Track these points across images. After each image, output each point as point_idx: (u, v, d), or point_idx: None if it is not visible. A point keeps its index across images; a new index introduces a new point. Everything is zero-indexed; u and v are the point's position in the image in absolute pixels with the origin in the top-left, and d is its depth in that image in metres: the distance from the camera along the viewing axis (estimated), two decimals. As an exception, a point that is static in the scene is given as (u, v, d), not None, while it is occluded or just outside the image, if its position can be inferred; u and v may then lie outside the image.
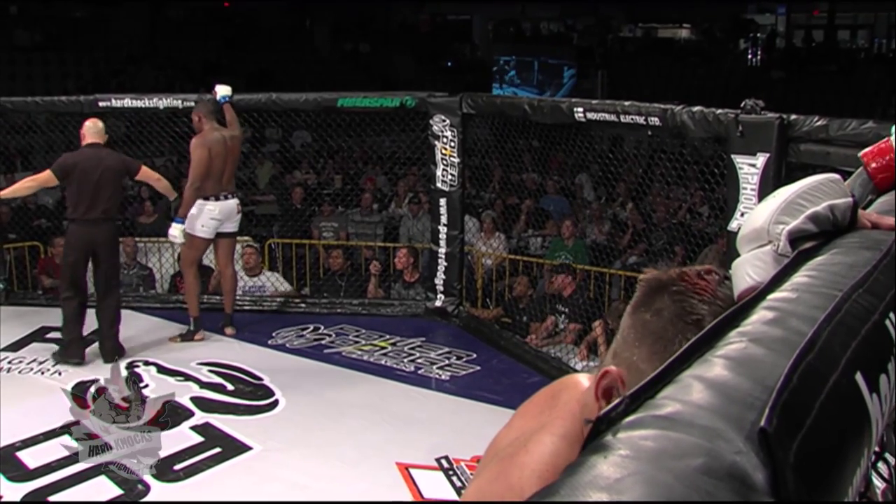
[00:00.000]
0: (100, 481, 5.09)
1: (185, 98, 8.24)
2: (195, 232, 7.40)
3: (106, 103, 8.35)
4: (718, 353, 0.84)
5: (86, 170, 6.67)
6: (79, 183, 6.69)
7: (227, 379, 6.51)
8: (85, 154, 6.81)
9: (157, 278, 9.61)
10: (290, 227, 10.49)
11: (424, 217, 9.54)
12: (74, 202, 6.76)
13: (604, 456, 0.73)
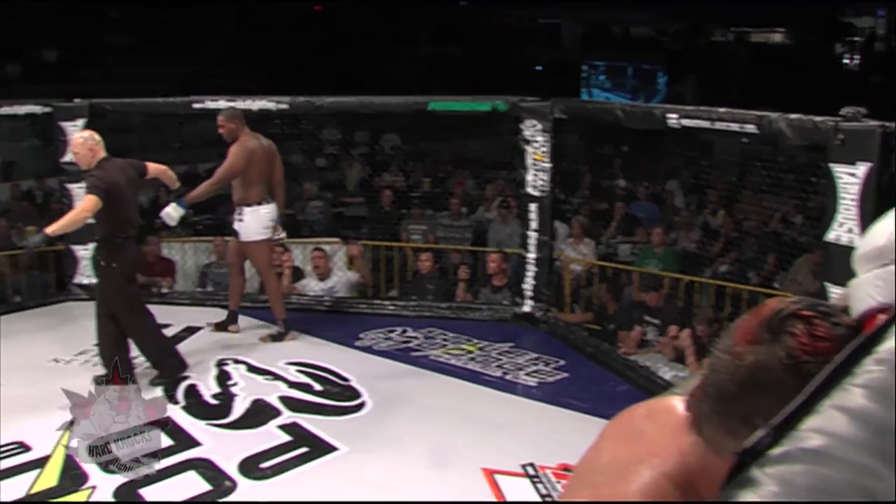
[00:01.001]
0: (189, 476, 5.18)
1: (278, 100, 8.31)
2: (254, 237, 7.47)
3: (200, 105, 8.46)
4: (857, 381, 0.81)
5: (122, 186, 6.37)
6: (122, 201, 6.35)
7: (315, 379, 6.56)
8: (114, 170, 6.40)
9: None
10: (378, 229, 10.52)
11: (513, 222, 9.51)
12: (120, 221, 6.35)
13: (753, 492, 0.71)
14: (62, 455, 5.44)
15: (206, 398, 6.30)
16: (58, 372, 6.79)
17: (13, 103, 8.96)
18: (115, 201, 6.22)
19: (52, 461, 5.37)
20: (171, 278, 9.64)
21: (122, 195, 6.31)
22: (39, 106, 8.81)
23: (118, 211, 6.28)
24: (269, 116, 8.70)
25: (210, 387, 6.48)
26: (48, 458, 5.41)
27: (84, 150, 6.34)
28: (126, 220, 6.39)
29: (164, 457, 5.35)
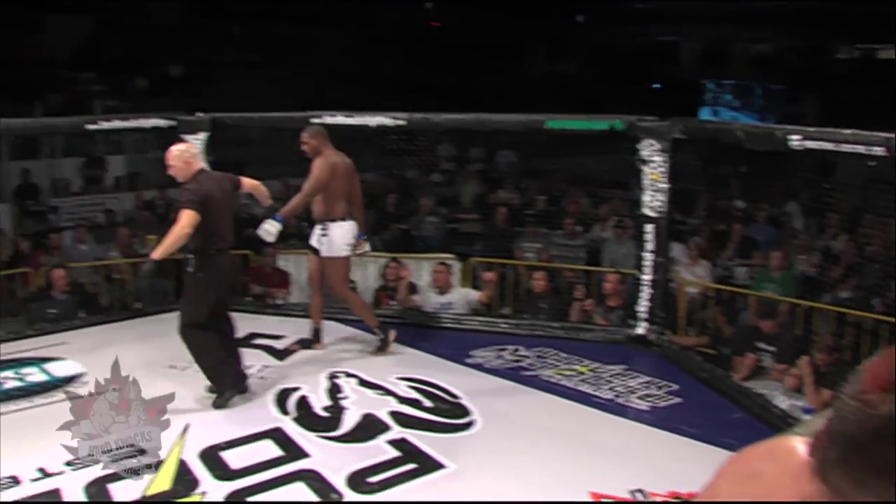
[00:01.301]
0: (297, 487, 5.22)
1: (395, 116, 8.37)
2: (339, 253, 7.49)
3: (318, 120, 8.57)
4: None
5: (216, 198, 6.38)
6: (215, 213, 6.35)
7: (425, 395, 6.56)
8: (209, 182, 6.44)
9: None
10: (492, 246, 10.50)
11: (628, 242, 9.40)
12: (212, 233, 6.35)
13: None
14: (176, 460, 5.56)
15: (316, 410, 6.36)
16: (174, 377, 6.94)
17: (139, 117, 9.22)
18: (209, 213, 6.25)
19: (165, 465, 5.48)
20: (286, 290, 9.79)
21: (215, 207, 6.33)
22: (164, 119, 9.05)
23: (211, 223, 6.29)
24: (386, 132, 8.77)
25: (321, 399, 6.54)
26: (162, 462, 5.51)
27: (180, 163, 6.40)
28: (218, 233, 6.41)
29: (273, 467, 5.45)
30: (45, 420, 6.29)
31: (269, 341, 7.95)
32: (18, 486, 5.29)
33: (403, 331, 8.15)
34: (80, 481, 5.31)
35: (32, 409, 6.59)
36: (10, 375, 7.26)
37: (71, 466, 5.46)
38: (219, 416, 6.25)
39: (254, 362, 7.34)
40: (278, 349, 7.76)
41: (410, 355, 7.61)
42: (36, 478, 5.37)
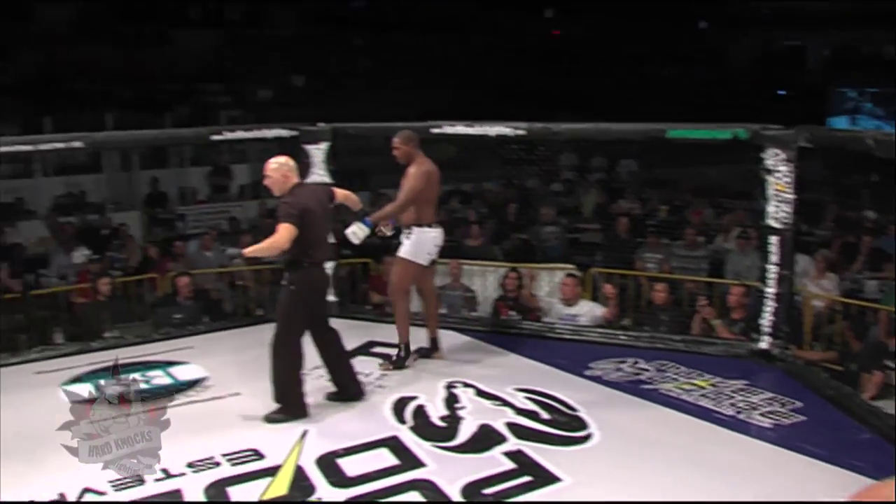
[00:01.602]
0: (412, 496, 5.21)
1: (515, 126, 8.33)
2: (418, 259, 7.46)
3: (438, 130, 8.58)
4: None
5: (313, 210, 6.39)
6: (313, 226, 6.36)
7: (543, 407, 6.48)
8: (306, 195, 6.46)
9: (480, 301, 9.80)
10: (613, 256, 10.37)
11: (752, 253, 9.18)
12: (308, 245, 6.34)
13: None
14: (293, 465, 5.61)
15: (433, 419, 6.34)
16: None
17: (262, 127, 9.37)
18: (306, 226, 6.26)
19: (283, 470, 5.54)
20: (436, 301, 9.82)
21: (312, 220, 6.34)
22: (286, 130, 9.18)
23: (308, 236, 6.30)
24: (507, 141, 8.73)
25: (438, 408, 6.53)
26: (279, 467, 5.58)
27: (277, 176, 6.46)
28: (314, 245, 6.41)
29: (389, 476, 5.45)
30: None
31: (388, 350, 7.97)
32: (142, 485, 5.41)
33: (522, 342, 8.13)
34: (201, 483, 5.41)
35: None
36: (137, 377, 7.43)
37: (192, 468, 5.59)
38: (336, 423, 6.29)
39: (372, 370, 7.40)
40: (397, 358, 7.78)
41: (529, 366, 7.53)
42: (159, 478, 5.49)
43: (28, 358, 8.18)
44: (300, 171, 8.88)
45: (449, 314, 9.20)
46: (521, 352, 7.84)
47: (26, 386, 7.46)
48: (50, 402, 7.01)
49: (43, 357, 8.19)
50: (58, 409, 6.81)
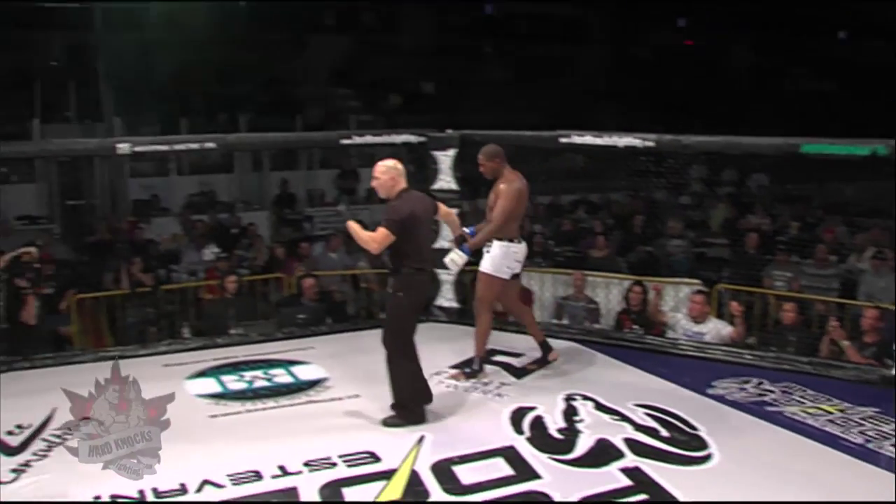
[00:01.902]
0: (527, 508, 5.16)
1: (644, 137, 8.20)
2: (499, 274, 7.35)
3: (567, 139, 8.52)
4: None
5: (419, 217, 6.38)
6: (413, 232, 6.33)
7: (663, 424, 6.35)
8: (412, 202, 6.41)
9: (603, 313, 9.69)
10: (740, 272, 10.11)
11: (888, 274, 8.84)
12: (412, 252, 6.36)
13: None
14: (408, 470, 5.63)
15: (551, 431, 6.28)
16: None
17: (391, 132, 9.46)
18: (410, 233, 6.27)
19: (398, 474, 5.57)
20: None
21: (417, 227, 6.35)
22: (415, 136, 9.24)
23: (411, 242, 6.31)
24: (635, 153, 8.61)
25: (556, 420, 6.46)
26: (395, 471, 5.61)
27: (385, 178, 6.44)
28: (419, 252, 6.41)
29: (504, 486, 5.43)
30: (288, 420, 6.58)
31: (507, 358, 7.94)
32: (260, 481, 5.52)
33: (644, 356, 8.01)
34: (317, 482, 5.47)
35: (277, 408, 6.86)
36: (260, 375, 7.61)
37: (309, 467, 5.66)
38: (454, 430, 6.28)
39: (491, 379, 7.39)
40: (516, 367, 7.74)
41: (650, 382, 7.40)
42: (276, 475, 5.58)
43: (157, 350, 8.44)
44: (427, 176, 8.98)
45: (571, 325, 9.13)
46: (642, 367, 7.72)
47: (154, 378, 7.61)
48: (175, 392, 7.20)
49: (170, 350, 8.43)
50: (183, 399, 7.04)
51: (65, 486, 5.47)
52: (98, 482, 5.46)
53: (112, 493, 5.35)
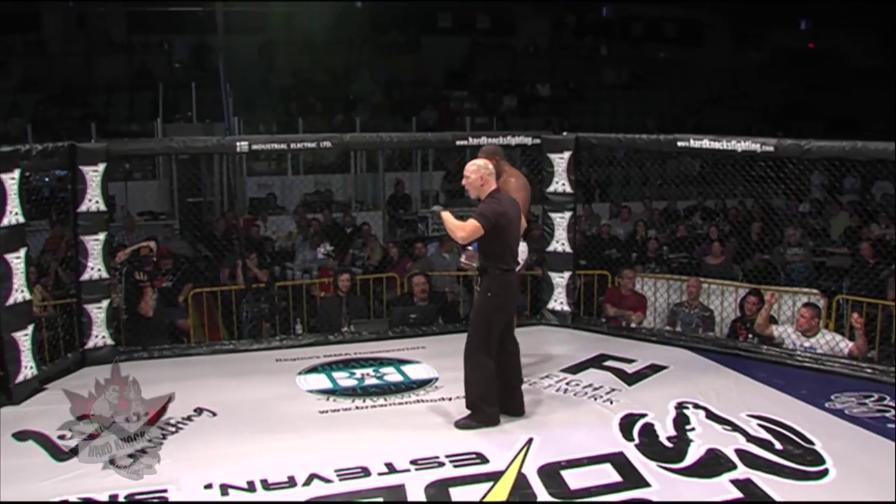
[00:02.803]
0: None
1: (763, 142, 8.02)
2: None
3: (684, 143, 8.39)
4: None
5: (510, 218, 6.38)
6: (503, 232, 6.33)
7: (777, 437, 6.19)
8: (504, 203, 6.41)
9: (717, 321, 9.50)
10: (862, 283, 9.79)
11: None
12: (501, 253, 6.37)
13: None
14: (516, 472, 5.61)
15: (661, 439, 6.19)
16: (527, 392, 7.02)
17: (507, 134, 9.46)
18: (500, 233, 6.28)
19: (505, 476, 5.55)
20: (642, 313, 9.67)
21: (508, 228, 6.34)
22: (530, 137, 9.22)
23: (501, 243, 6.32)
24: (754, 158, 8.43)
25: (667, 428, 6.37)
26: (502, 473, 5.59)
27: (475, 178, 6.44)
28: (509, 252, 6.40)
29: (611, 492, 5.38)
30: (396, 418, 6.62)
31: (619, 364, 7.87)
32: (367, 477, 5.56)
33: (759, 367, 7.84)
34: (423, 481, 5.49)
35: (386, 406, 6.92)
36: (370, 373, 7.69)
37: (416, 465, 5.69)
38: (562, 434, 6.23)
39: (602, 384, 7.32)
40: (628, 373, 7.66)
41: (764, 392, 7.22)
42: (383, 472, 5.62)
43: (270, 346, 8.60)
44: (543, 179, 8.95)
45: (684, 332, 8.98)
46: (757, 377, 7.55)
47: (266, 372, 7.83)
48: (287, 387, 7.36)
49: (283, 346, 8.59)
50: (294, 394, 7.18)
51: (177, 473, 5.59)
52: (209, 471, 5.62)
53: (222, 483, 5.46)
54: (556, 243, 9.11)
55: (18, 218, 6.94)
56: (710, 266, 11.18)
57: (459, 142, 9.23)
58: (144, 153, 11.94)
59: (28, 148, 7.23)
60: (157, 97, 17.92)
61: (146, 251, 9.07)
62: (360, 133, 14.57)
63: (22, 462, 5.79)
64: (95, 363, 7.90)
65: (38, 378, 7.20)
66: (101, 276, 8.01)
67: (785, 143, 7.98)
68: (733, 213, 14.74)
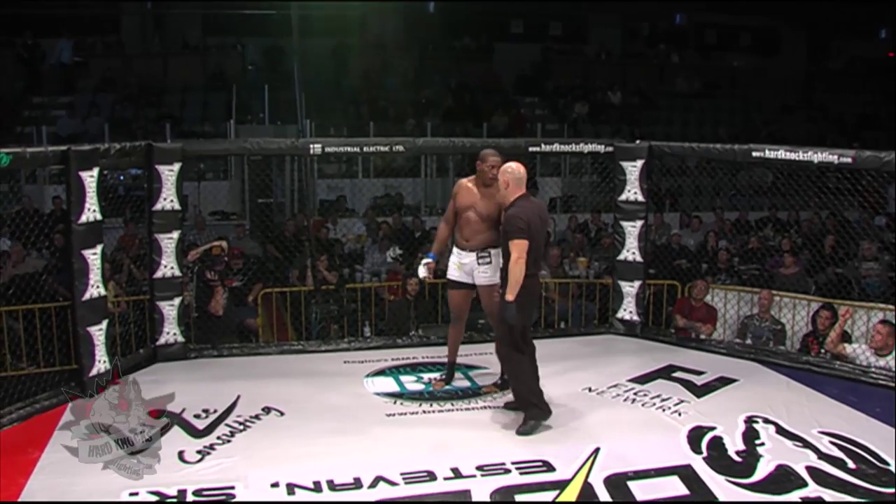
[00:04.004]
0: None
1: (841, 153, 7.88)
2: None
3: (759, 153, 8.28)
4: None
5: (536, 224, 6.40)
6: (535, 239, 6.36)
7: (850, 455, 6.07)
8: (533, 210, 6.45)
9: (789, 335, 9.36)
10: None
11: None
12: (530, 257, 6.37)
13: None
14: (582, 481, 5.59)
15: (730, 453, 6.11)
16: (589, 401, 7.00)
17: (579, 141, 9.42)
18: (531, 239, 6.31)
19: (571, 485, 5.54)
20: (712, 325, 9.56)
21: (535, 234, 6.35)
22: (602, 145, 9.17)
23: (530, 249, 6.31)
24: (830, 169, 8.29)
25: (736, 442, 6.28)
26: (568, 482, 5.57)
27: (504, 179, 6.51)
28: (533, 258, 6.39)
29: (679, 504, 5.32)
30: (463, 424, 6.63)
31: (688, 375, 7.79)
32: (433, 481, 5.59)
33: (832, 382, 7.70)
34: (489, 486, 5.49)
35: (453, 412, 6.94)
36: (438, 377, 7.67)
37: (482, 471, 5.68)
38: (630, 444, 6.17)
39: (671, 395, 7.26)
40: (697, 385, 7.57)
41: (837, 409, 7.06)
42: (448, 476, 5.64)
43: (338, 347, 8.66)
44: (615, 187, 8.90)
45: (754, 345, 8.86)
46: (829, 393, 7.40)
47: (335, 373, 7.88)
48: (355, 389, 7.43)
49: (351, 348, 8.63)
50: (361, 396, 7.23)
51: (245, 471, 5.66)
52: (277, 470, 5.67)
53: (288, 482, 5.51)
54: (626, 252, 9.04)
55: (96, 215, 7.08)
56: (782, 278, 11.02)
57: (532, 148, 9.20)
58: (219, 154, 12.08)
59: (107, 147, 7.36)
60: (230, 98, 18.18)
61: (217, 251, 9.18)
62: (432, 137, 14.62)
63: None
64: (166, 359, 8.05)
65: (111, 372, 7.32)
66: (173, 274, 8.13)
67: (864, 154, 7.83)
68: (806, 225, 14.53)
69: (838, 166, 8.01)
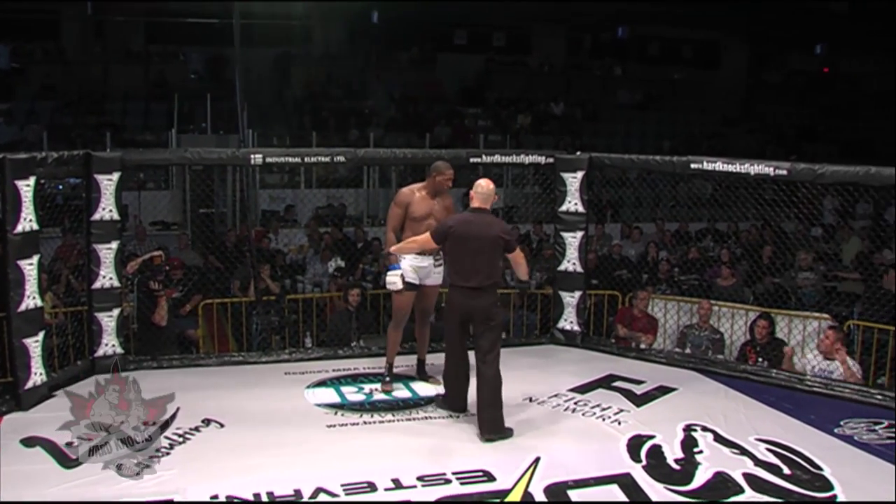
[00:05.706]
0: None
1: (777, 166, 8.02)
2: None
3: (697, 165, 8.39)
4: None
5: (461, 236, 6.58)
6: (452, 249, 6.67)
7: (785, 461, 6.17)
8: (464, 219, 6.72)
9: (727, 344, 9.47)
10: (873, 310, 9.74)
11: None
12: (451, 268, 6.82)
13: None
14: (522, 490, 5.61)
15: (668, 461, 6.17)
16: (530, 411, 7.04)
17: (520, 153, 9.48)
18: (450, 247, 6.76)
19: (511, 495, 5.56)
20: (653, 336, 9.64)
21: (457, 244, 6.70)
22: (543, 156, 9.23)
23: (449, 258, 6.83)
24: (766, 181, 8.43)
25: (675, 450, 6.35)
26: (509, 491, 5.59)
27: (471, 193, 6.87)
28: (454, 269, 6.77)
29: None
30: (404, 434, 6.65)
31: (628, 385, 7.86)
32: (374, 492, 5.58)
33: (768, 391, 7.83)
34: (429, 496, 5.51)
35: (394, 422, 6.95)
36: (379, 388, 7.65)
37: (422, 482, 5.69)
38: (570, 453, 6.22)
39: (611, 404, 7.31)
40: (637, 394, 7.64)
41: (773, 417, 7.19)
42: (389, 487, 5.64)
43: (279, 358, 8.60)
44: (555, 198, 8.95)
45: (693, 354, 8.96)
46: (766, 401, 7.52)
47: (275, 384, 7.83)
48: (295, 400, 7.36)
49: (292, 359, 8.58)
50: (302, 408, 7.18)
51: (184, 484, 5.60)
52: (216, 482, 5.61)
53: (228, 494, 5.46)
54: (567, 263, 9.09)
55: (33, 225, 6.97)
56: (720, 288, 11.15)
57: (473, 159, 9.24)
58: (159, 163, 11.94)
59: (44, 155, 7.27)
60: (172, 107, 18.02)
61: (158, 260, 9.09)
62: (374, 148, 14.63)
63: (29, 468, 5.79)
64: (105, 371, 7.92)
65: (48, 385, 7.20)
66: (112, 285, 8.03)
67: (798, 167, 7.98)
68: (745, 235, 14.71)
69: (774, 178, 8.15)
